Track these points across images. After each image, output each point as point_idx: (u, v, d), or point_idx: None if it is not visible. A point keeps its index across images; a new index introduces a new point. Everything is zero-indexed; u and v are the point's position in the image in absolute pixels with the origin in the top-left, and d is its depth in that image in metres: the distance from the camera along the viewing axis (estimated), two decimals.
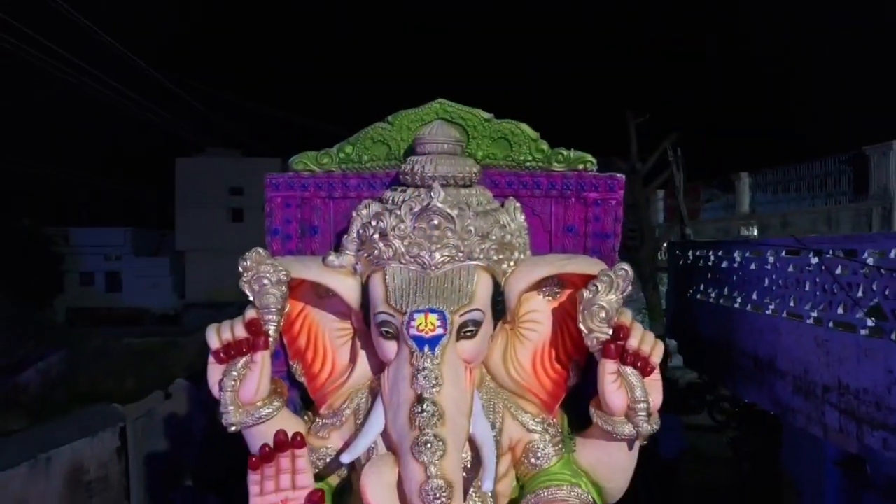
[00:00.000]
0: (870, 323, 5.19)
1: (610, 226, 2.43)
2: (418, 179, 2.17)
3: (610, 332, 2.03)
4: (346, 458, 2.09)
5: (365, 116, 2.50)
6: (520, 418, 2.22)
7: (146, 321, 26.29)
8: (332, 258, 2.20)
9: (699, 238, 13.59)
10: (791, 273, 6.46)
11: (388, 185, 2.38)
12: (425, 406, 1.89)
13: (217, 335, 2.09)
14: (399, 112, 2.42)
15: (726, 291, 7.98)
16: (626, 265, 2.09)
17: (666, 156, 14.69)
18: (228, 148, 29.43)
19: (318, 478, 2.16)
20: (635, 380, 2.00)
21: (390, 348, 2.05)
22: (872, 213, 10.24)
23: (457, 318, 2.01)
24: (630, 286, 2.07)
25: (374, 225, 2.10)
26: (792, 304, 6.39)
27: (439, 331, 1.97)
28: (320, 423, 2.28)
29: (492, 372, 2.26)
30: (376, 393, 2.14)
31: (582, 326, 2.06)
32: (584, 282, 2.09)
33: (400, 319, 2.00)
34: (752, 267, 7.29)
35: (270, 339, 2.10)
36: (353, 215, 2.23)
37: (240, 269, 2.11)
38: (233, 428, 2.08)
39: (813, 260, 5.98)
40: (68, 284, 27.33)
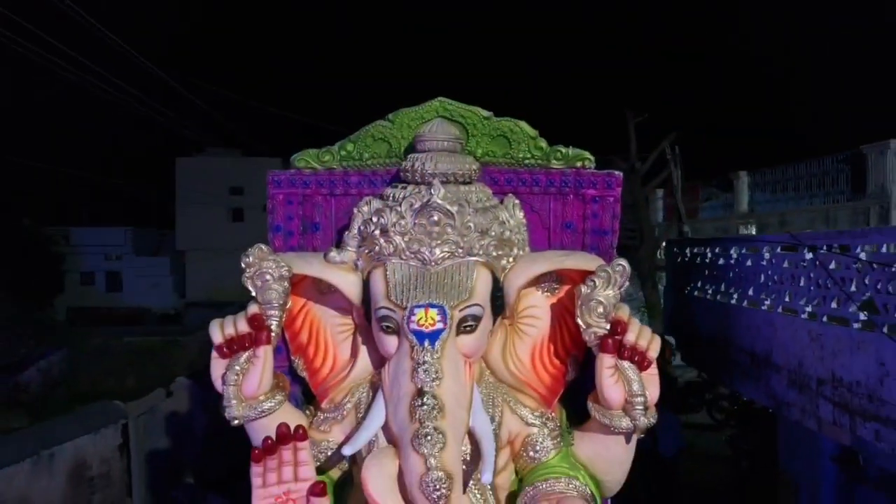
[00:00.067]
0: (862, 317, 5.24)
1: (608, 222, 2.44)
2: (418, 176, 2.19)
3: (607, 326, 2.05)
4: (347, 451, 2.11)
5: (366, 116, 2.52)
6: (519, 412, 2.24)
7: (147, 321, 26.32)
8: (333, 254, 2.22)
9: (697, 236, 13.62)
10: (786, 269, 6.51)
11: (388, 183, 2.40)
12: (425, 399, 1.91)
13: (220, 330, 2.12)
14: (399, 110, 2.43)
15: (723, 288, 8.03)
16: (623, 261, 2.11)
17: (665, 155, 14.72)
18: (229, 147, 29.45)
19: (320, 471, 2.18)
20: (632, 374, 2.02)
21: (391, 343, 2.07)
22: (870, 211, 10.28)
23: (456, 313, 2.02)
24: (627, 281, 2.10)
25: (374, 221, 2.11)
26: (787, 300, 6.44)
27: (439, 325, 1.99)
28: (322, 417, 2.30)
29: (491, 366, 2.28)
30: (377, 387, 2.16)
31: (580, 321, 2.08)
32: (582, 277, 2.11)
33: (400, 314, 2.02)
34: (748, 263, 7.34)
35: (273, 334, 2.12)
36: (355, 212, 2.25)
37: (242, 265, 2.13)
38: (236, 421, 2.10)
39: (807, 255, 6.02)
40: (69, 284, 27.35)
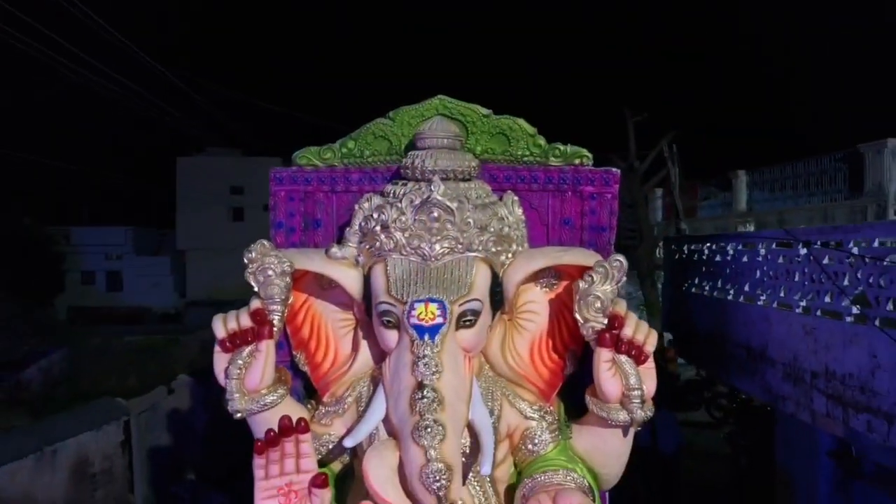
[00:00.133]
0: (855, 310, 5.29)
1: (605, 219, 2.47)
2: (419, 173, 2.22)
3: (605, 321, 2.08)
4: (348, 443, 2.14)
5: (367, 114, 2.54)
6: (517, 406, 2.27)
7: (147, 320, 26.32)
8: (334, 250, 2.25)
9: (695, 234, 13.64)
10: (781, 264, 6.58)
11: (389, 180, 2.43)
12: (425, 392, 1.94)
13: (223, 325, 2.14)
14: (400, 108, 2.47)
15: (720, 284, 8.09)
16: (620, 256, 2.14)
17: (664, 155, 14.73)
18: (229, 147, 29.45)
19: (321, 464, 2.19)
20: (630, 368, 2.05)
21: (391, 337, 2.10)
22: (867, 209, 10.31)
23: (456, 307, 2.05)
24: (624, 276, 2.12)
25: (375, 217, 2.14)
26: (782, 295, 6.50)
27: (439, 320, 2.02)
28: (323, 410, 2.33)
29: (490, 361, 2.31)
30: (378, 381, 2.19)
31: (578, 316, 2.11)
32: (580, 273, 2.14)
33: (401, 309, 2.05)
34: (745, 259, 7.40)
35: (275, 329, 2.15)
36: (355, 208, 2.28)
37: (245, 261, 2.15)
38: (238, 415, 2.12)
39: (802, 251, 6.08)
40: (69, 284, 27.32)
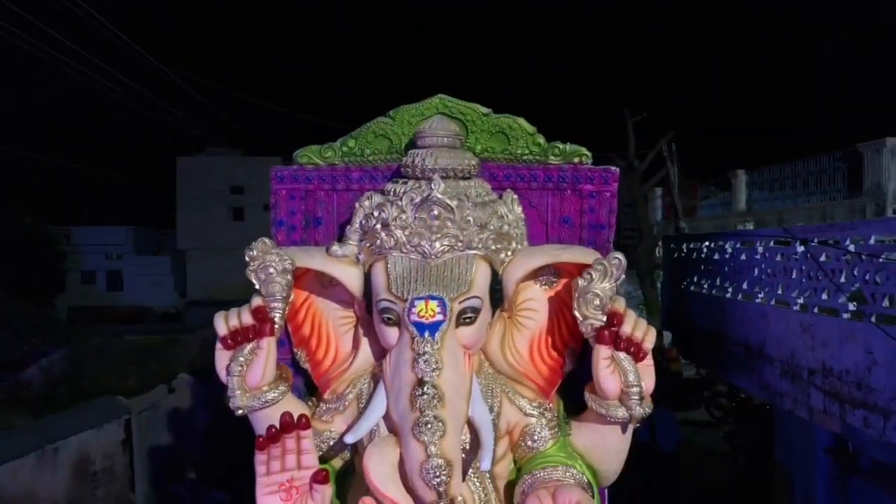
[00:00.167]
0: (851, 307, 5.32)
1: (604, 217, 2.49)
2: (419, 172, 2.23)
3: (604, 318, 2.09)
4: (349, 439, 2.15)
5: (367, 114, 2.56)
6: (517, 403, 2.28)
7: (147, 319, 26.32)
8: (335, 248, 2.26)
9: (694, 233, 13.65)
10: (779, 262, 6.61)
11: (389, 178, 2.44)
12: (426, 389, 1.95)
13: (224, 322, 2.15)
14: (400, 107, 2.48)
15: (718, 282, 8.12)
16: (619, 254, 2.15)
17: (663, 154, 14.75)
18: (230, 147, 29.46)
19: (323, 460, 2.21)
20: (628, 365, 2.06)
21: (392, 334, 2.11)
22: (866, 208, 10.32)
23: (456, 304, 2.07)
24: (623, 274, 2.13)
25: (376, 216, 2.15)
26: (780, 292, 6.53)
27: (439, 317, 2.03)
28: (324, 407, 2.34)
29: (490, 358, 2.32)
30: (378, 378, 2.20)
31: (577, 313, 2.12)
32: (579, 271, 2.15)
33: (401, 306, 2.06)
34: (743, 257, 7.43)
35: (276, 326, 2.16)
36: (356, 206, 2.29)
37: (246, 258, 2.17)
38: (240, 411, 2.13)
39: (799, 248, 6.11)
40: (70, 283, 27.32)
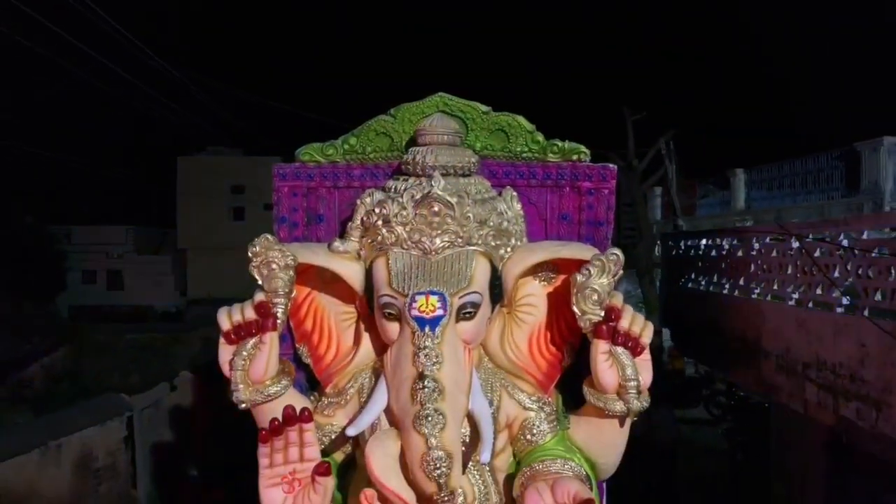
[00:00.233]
0: (845, 301, 5.37)
1: (603, 214, 2.52)
2: (419, 169, 2.27)
3: (602, 313, 2.11)
4: (351, 431, 2.18)
5: (368, 113, 2.59)
6: (516, 397, 2.31)
7: (148, 318, 26.30)
8: (337, 244, 2.29)
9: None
10: (774, 258, 6.66)
11: (390, 175, 2.47)
12: (426, 382, 1.98)
13: (227, 317, 2.18)
14: (401, 105, 2.52)
15: (715, 278, 8.17)
16: (617, 250, 2.18)
17: (662, 153, 14.77)
18: (230, 146, 29.46)
19: (324, 454, 2.25)
20: (626, 359, 2.08)
21: (393, 329, 2.15)
22: (863, 207, 10.34)
23: (456, 300, 2.10)
24: (621, 270, 2.16)
25: (377, 212, 2.18)
26: (775, 288, 6.58)
27: (439, 312, 2.06)
28: (326, 402, 2.38)
29: (490, 353, 2.35)
30: (379, 372, 2.23)
31: (575, 309, 2.14)
32: (577, 267, 2.17)
33: (402, 301, 2.09)
34: (739, 254, 7.47)
35: (278, 321, 2.18)
36: (357, 203, 2.32)
37: (249, 254, 2.19)
38: (243, 405, 2.17)
39: (794, 245, 6.16)
40: (70, 282, 27.28)
